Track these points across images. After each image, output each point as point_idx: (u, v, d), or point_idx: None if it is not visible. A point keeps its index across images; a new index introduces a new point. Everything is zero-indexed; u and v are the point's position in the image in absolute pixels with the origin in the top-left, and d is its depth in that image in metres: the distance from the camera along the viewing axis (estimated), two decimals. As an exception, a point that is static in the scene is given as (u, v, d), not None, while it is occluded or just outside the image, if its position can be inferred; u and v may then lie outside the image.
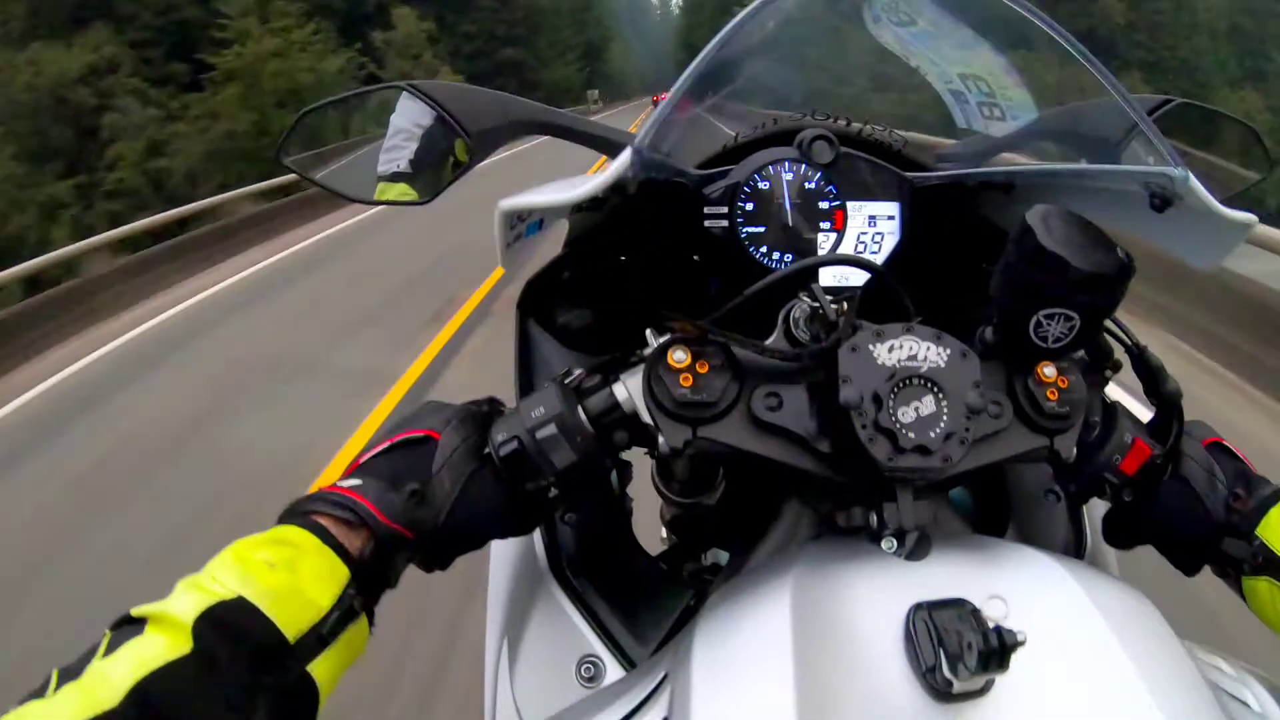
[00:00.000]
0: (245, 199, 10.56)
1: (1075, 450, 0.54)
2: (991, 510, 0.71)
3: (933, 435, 0.46)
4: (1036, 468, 0.69)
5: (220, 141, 19.80)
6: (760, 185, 0.66)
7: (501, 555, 0.72)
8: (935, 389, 0.47)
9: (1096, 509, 0.70)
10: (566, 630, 0.64)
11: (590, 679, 0.61)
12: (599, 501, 0.70)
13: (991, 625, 0.37)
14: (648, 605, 0.65)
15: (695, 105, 0.59)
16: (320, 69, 21.28)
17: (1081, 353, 0.56)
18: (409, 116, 0.63)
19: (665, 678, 0.45)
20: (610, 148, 0.66)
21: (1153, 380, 0.58)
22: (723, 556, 0.83)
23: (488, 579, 0.73)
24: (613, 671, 0.61)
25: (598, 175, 0.51)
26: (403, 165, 0.63)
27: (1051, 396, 0.52)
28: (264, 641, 0.42)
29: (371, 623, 0.49)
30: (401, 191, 0.64)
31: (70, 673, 0.39)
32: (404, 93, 0.63)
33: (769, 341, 0.52)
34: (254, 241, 9.24)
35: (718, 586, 0.61)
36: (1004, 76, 0.70)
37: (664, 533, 0.86)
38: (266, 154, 15.21)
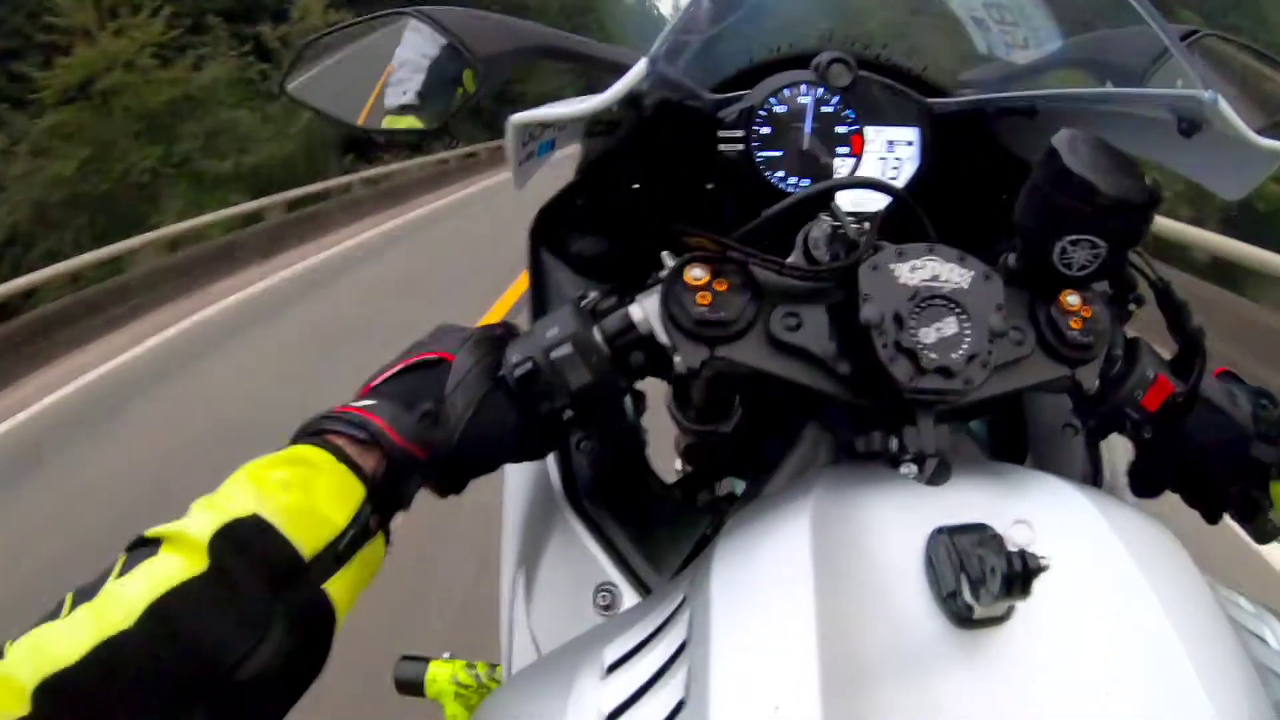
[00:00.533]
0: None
1: (1097, 382, 0.53)
2: (1008, 444, 0.70)
3: (955, 356, 0.45)
4: (1055, 402, 0.69)
5: (50, 188, 12.08)
6: (776, 108, 0.65)
7: (516, 484, 0.73)
8: (958, 310, 0.46)
9: (1116, 453, 0.70)
10: (582, 558, 0.64)
11: (607, 607, 0.61)
12: (614, 429, 0.70)
13: (1015, 550, 0.37)
14: (664, 533, 0.65)
15: (710, 25, 0.57)
16: (198, 80, 13.69)
17: (1105, 285, 0.55)
18: (415, 46, 0.62)
19: (683, 601, 0.45)
20: (623, 73, 0.65)
21: (1177, 317, 0.56)
22: (739, 486, 0.83)
23: (502, 508, 0.73)
24: (629, 599, 0.61)
25: (610, 89, 0.49)
26: (410, 96, 0.62)
27: (1075, 326, 0.51)
28: (280, 558, 0.42)
29: (388, 541, 0.50)
30: (410, 121, 0.63)
31: (84, 594, 0.40)
32: (411, 20, 0.62)
33: (789, 260, 0.51)
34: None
35: (735, 513, 0.61)
36: (1028, 3, 0.68)
37: (678, 463, 0.86)
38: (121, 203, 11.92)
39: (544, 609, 0.64)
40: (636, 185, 0.69)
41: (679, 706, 0.38)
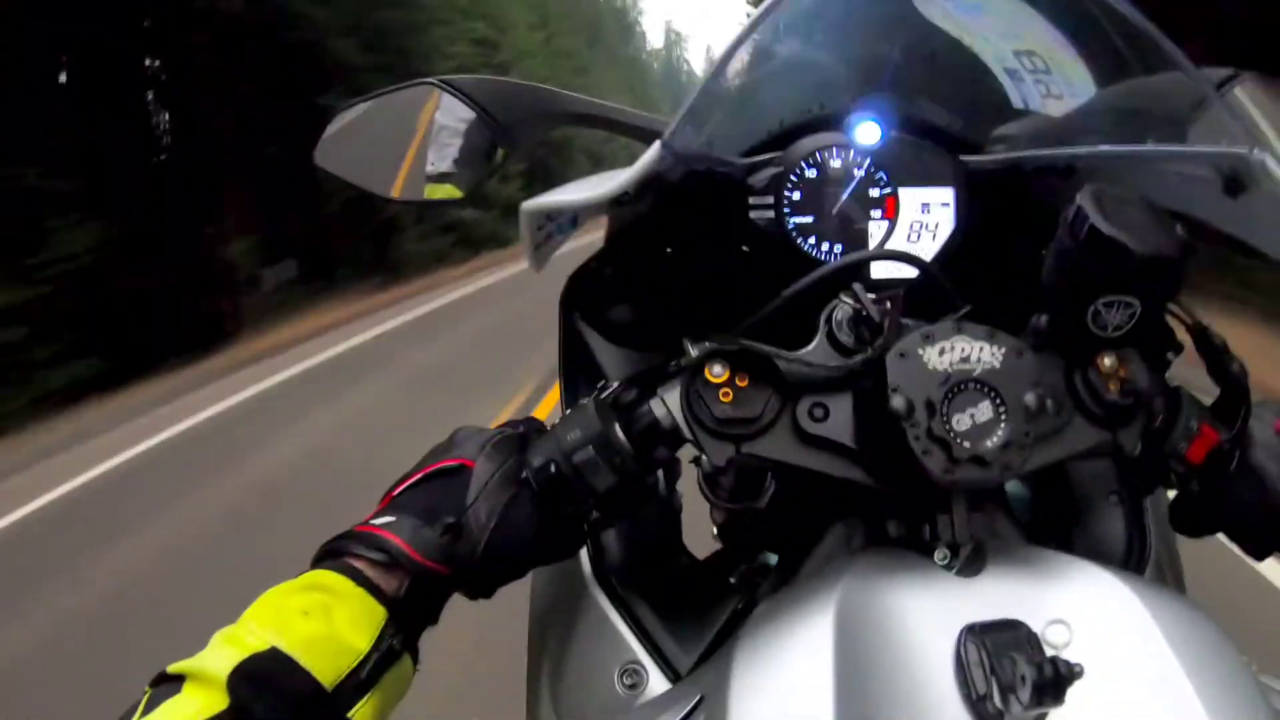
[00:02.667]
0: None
1: (1139, 444, 0.51)
2: (1050, 504, 0.68)
3: (989, 445, 0.44)
4: (1097, 463, 0.67)
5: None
6: (808, 172, 0.64)
7: None
8: (991, 393, 0.45)
9: (1160, 497, 0.68)
10: (609, 637, 0.62)
11: (632, 686, 0.60)
12: (644, 508, 0.69)
13: (1049, 653, 0.35)
14: (693, 611, 0.64)
15: (735, 93, 0.57)
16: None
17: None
18: (452, 113, 0.62)
19: (700, 701, 0.43)
20: (649, 137, 0.64)
21: (1217, 360, 0.54)
22: (773, 558, 0.82)
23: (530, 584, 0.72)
24: (655, 679, 0.60)
25: (626, 171, 0.49)
26: (446, 164, 0.62)
27: (1113, 388, 0.49)
28: (301, 691, 0.42)
29: (416, 661, 0.49)
30: (447, 190, 0.63)
31: None
32: (436, 90, 0.62)
33: (812, 346, 0.50)
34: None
35: (764, 595, 0.59)
36: (1060, 52, 0.67)
37: (714, 531, 0.85)
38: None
39: (569, 687, 0.63)
40: (668, 250, 0.68)
41: None
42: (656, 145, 0.48)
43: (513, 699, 0.74)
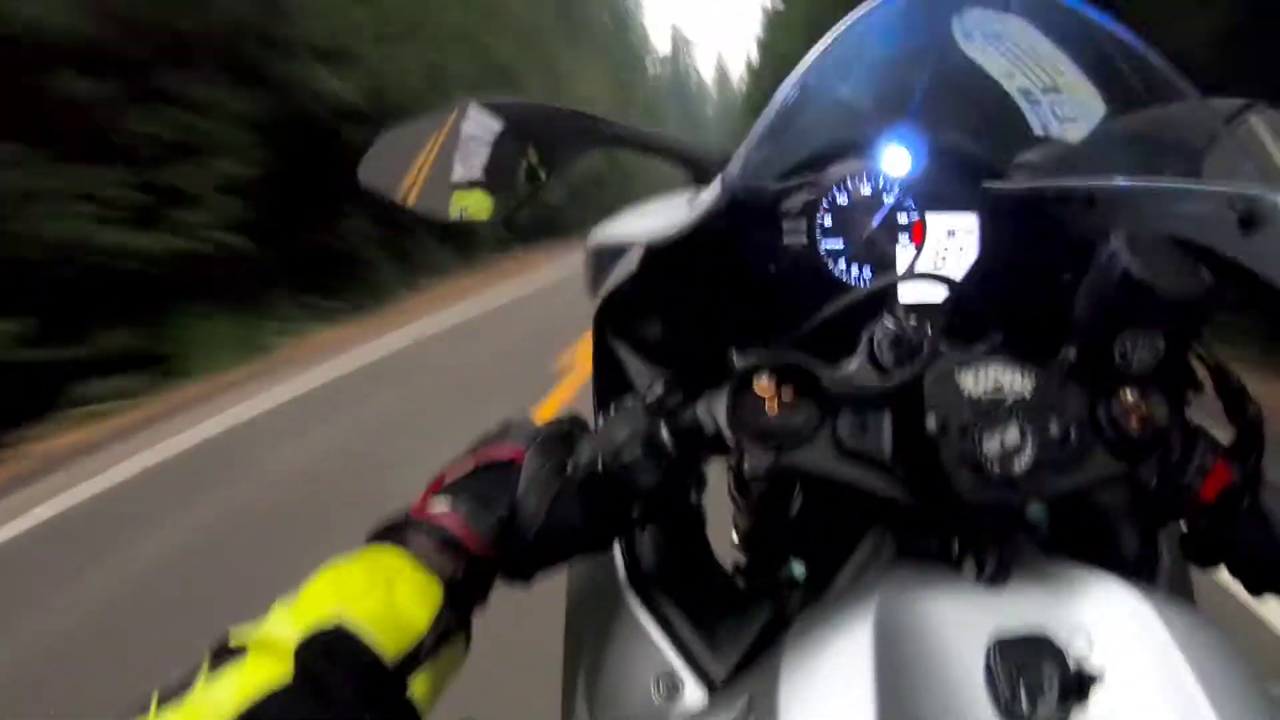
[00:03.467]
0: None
1: (1156, 478, 0.53)
2: (1066, 525, 0.70)
3: (1017, 469, 0.47)
4: (1114, 490, 0.69)
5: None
6: (839, 199, 0.66)
7: (581, 570, 0.73)
8: (1020, 419, 0.47)
9: (1172, 525, 0.70)
10: (645, 646, 0.64)
11: (668, 696, 0.62)
12: (677, 514, 0.71)
13: (1072, 661, 0.37)
14: (725, 620, 0.66)
15: (783, 131, 0.59)
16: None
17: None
18: (482, 131, 0.64)
19: (749, 705, 0.45)
20: (689, 164, 0.66)
21: (1235, 401, 0.57)
22: (798, 568, 0.84)
23: (565, 593, 0.74)
24: (690, 688, 0.62)
25: (691, 209, 0.51)
26: (475, 177, 0.64)
27: (1134, 423, 0.51)
28: (365, 665, 0.43)
29: (469, 641, 0.51)
30: (475, 208, 0.65)
31: (170, 695, 0.41)
32: (478, 109, 0.64)
33: (854, 365, 0.53)
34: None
35: (797, 607, 0.61)
36: (1075, 80, 0.69)
37: (734, 539, 0.87)
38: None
39: (605, 697, 0.65)
40: (701, 269, 0.70)
41: None
42: (718, 185, 0.50)
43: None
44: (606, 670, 0.66)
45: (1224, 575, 0.60)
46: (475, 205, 0.65)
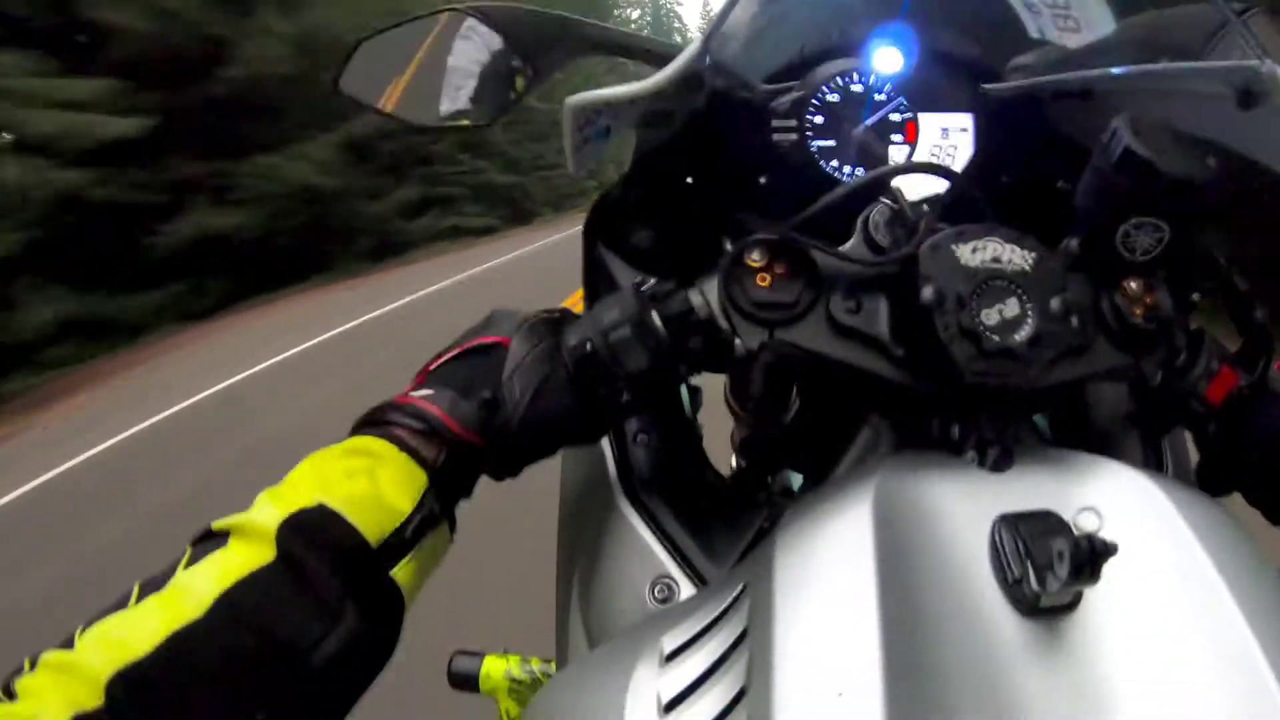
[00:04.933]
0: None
1: (1160, 373, 0.51)
2: (1070, 439, 0.69)
3: (1017, 339, 0.45)
4: (1116, 398, 0.68)
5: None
6: (829, 97, 0.64)
7: (572, 476, 0.73)
8: (1019, 291, 0.46)
9: (1178, 441, 0.69)
10: (639, 551, 0.63)
11: (664, 600, 0.61)
12: (671, 422, 0.70)
13: (1082, 535, 0.36)
14: (720, 526, 0.65)
15: (761, 14, 0.57)
16: None
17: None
18: (471, 41, 0.63)
19: (744, 590, 0.44)
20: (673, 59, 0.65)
21: (1241, 308, 0.55)
22: (795, 480, 0.83)
23: (558, 500, 0.73)
24: (687, 592, 0.61)
25: (666, 68, 0.50)
26: (466, 89, 0.63)
27: (1139, 313, 0.49)
28: (348, 546, 0.43)
29: (453, 529, 0.50)
30: (460, 114, 0.64)
31: (152, 585, 0.40)
32: (463, 17, 0.63)
33: (848, 246, 0.51)
34: None
35: (796, 502, 0.60)
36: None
37: (733, 459, 0.86)
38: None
39: (599, 603, 0.64)
40: (690, 178, 0.69)
41: (740, 694, 0.38)
42: (698, 40, 0.49)
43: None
44: (601, 577, 0.65)
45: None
46: (460, 111, 0.64)
